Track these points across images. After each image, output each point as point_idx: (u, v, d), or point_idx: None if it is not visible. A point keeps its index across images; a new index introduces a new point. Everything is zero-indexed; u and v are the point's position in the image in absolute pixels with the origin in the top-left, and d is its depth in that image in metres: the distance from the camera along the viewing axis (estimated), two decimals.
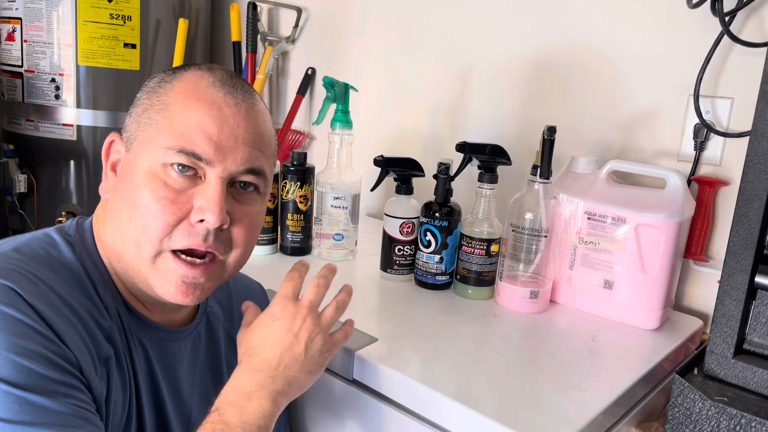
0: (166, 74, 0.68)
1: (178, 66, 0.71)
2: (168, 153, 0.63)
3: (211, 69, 0.68)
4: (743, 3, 0.94)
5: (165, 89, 0.66)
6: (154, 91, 0.67)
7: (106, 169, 0.69)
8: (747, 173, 0.67)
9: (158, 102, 0.65)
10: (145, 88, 0.69)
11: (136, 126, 0.66)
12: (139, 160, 0.65)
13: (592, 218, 0.99)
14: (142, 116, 0.66)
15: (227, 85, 0.66)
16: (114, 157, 0.69)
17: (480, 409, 0.71)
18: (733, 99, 1.01)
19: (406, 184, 1.07)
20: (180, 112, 0.64)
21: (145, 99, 0.67)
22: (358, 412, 0.84)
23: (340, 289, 0.78)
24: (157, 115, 0.65)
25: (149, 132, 0.65)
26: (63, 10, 1.45)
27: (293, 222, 1.17)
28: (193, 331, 0.76)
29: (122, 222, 0.65)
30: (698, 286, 1.08)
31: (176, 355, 0.73)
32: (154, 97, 0.66)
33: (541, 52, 1.22)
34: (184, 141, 0.63)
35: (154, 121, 0.65)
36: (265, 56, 1.62)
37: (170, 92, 0.66)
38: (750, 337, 0.71)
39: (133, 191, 0.64)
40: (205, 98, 0.65)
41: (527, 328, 0.96)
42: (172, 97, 0.65)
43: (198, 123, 0.64)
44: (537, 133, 0.98)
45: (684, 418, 0.70)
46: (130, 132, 0.67)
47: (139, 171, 0.64)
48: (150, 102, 0.66)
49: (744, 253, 0.68)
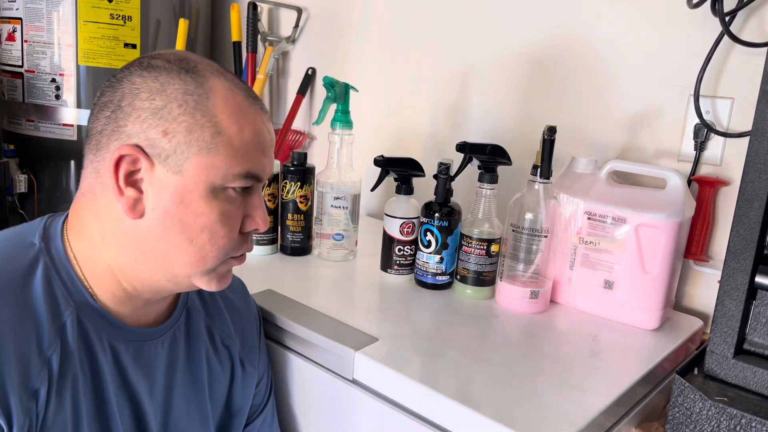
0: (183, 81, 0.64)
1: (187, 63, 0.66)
2: (235, 178, 0.65)
3: (226, 75, 0.68)
4: (743, 3, 0.94)
5: (206, 106, 0.64)
6: (189, 105, 0.63)
7: (119, 183, 0.64)
8: (747, 173, 0.67)
9: (209, 124, 0.64)
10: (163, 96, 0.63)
11: (185, 147, 0.63)
12: (199, 184, 0.64)
13: (593, 218, 0.99)
14: (191, 137, 0.63)
15: (251, 96, 0.69)
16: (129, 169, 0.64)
17: (480, 409, 0.71)
18: (733, 99, 1.01)
19: (406, 184, 1.07)
20: (237, 135, 0.65)
21: (183, 115, 0.63)
22: (358, 412, 0.84)
23: None
24: (214, 140, 0.64)
25: (209, 157, 0.64)
26: (63, 10, 1.45)
27: (293, 222, 1.17)
28: (172, 328, 0.76)
29: (174, 243, 0.65)
30: (698, 286, 1.08)
31: (153, 355, 0.73)
32: (198, 115, 0.63)
33: (541, 52, 1.22)
34: (249, 165, 0.66)
35: (211, 145, 0.64)
36: (266, 56, 1.62)
37: (216, 111, 0.64)
38: (750, 337, 0.71)
39: (196, 215, 0.65)
40: (250, 116, 0.67)
41: (527, 328, 0.96)
42: (221, 118, 0.64)
43: (255, 145, 0.67)
44: (537, 133, 0.98)
45: (684, 418, 0.70)
46: (168, 151, 0.63)
47: (199, 195, 0.65)
48: (195, 121, 0.63)
49: (744, 253, 0.68)
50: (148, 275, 0.68)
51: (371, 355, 0.82)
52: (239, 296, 0.88)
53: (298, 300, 0.97)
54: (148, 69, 0.65)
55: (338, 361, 0.85)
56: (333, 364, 0.86)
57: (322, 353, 0.87)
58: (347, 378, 0.84)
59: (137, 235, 0.66)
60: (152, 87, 0.64)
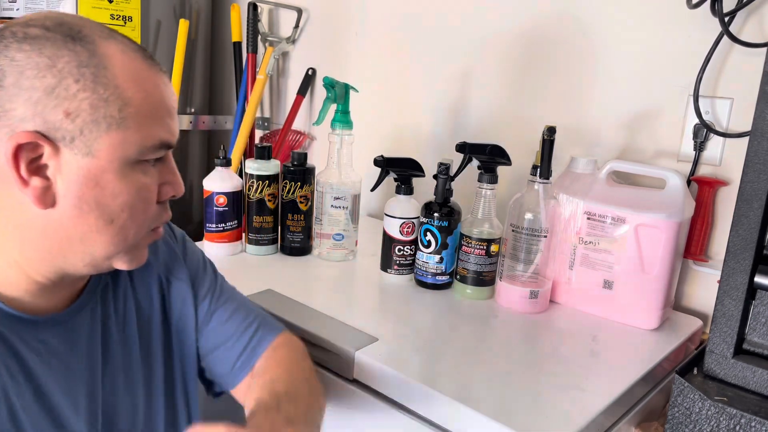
0: (73, 51, 0.58)
1: (69, 29, 0.59)
2: (150, 150, 0.62)
3: (115, 36, 0.62)
4: (743, 3, 0.94)
5: (107, 77, 0.58)
6: (87, 79, 0.58)
7: (22, 173, 0.58)
8: (747, 173, 0.67)
9: (113, 97, 0.59)
10: (54, 71, 0.57)
11: (93, 126, 0.58)
12: (114, 163, 0.60)
13: (592, 218, 0.99)
14: (97, 114, 0.58)
15: (147, 57, 0.63)
16: (30, 157, 0.58)
17: (480, 409, 0.71)
18: (733, 99, 1.01)
19: (406, 184, 1.07)
20: (145, 104, 0.61)
21: (83, 91, 0.58)
22: (358, 412, 0.84)
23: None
24: (123, 113, 0.59)
25: (120, 133, 0.59)
26: (63, 10, 1.45)
27: (293, 222, 1.17)
28: (90, 302, 0.71)
29: (91, 227, 0.61)
30: (698, 286, 1.08)
31: (78, 333, 0.69)
32: (101, 89, 0.58)
33: (541, 52, 1.22)
34: (162, 133, 0.62)
35: (120, 119, 0.59)
36: (266, 57, 1.62)
37: (118, 82, 0.59)
38: (750, 337, 0.71)
39: (113, 196, 0.61)
40: (152, 80, 0.62)
41: (527, 328, 0.96)
42: (125, 87, 0.59)
43: (164, 111, 0.63)
44: (537, 133, 0.98)
45: (684, 417, 0.70)
46: (73, 132, 0.58)
47: (115, 174, 0.60)
48: (98, 96, 0.58)
49: (744, 253, 0.68)
50: (63, 263, 0.63)
51: (371, 355, 0.82)
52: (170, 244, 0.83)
53: (298, 300, 0.98)
54: (27, 41, 0.57)
55: (338, 361, 0.85)
56: (333, 364, 0.86)
57: (322, 353, 0.87)
58: (347, 378, 0.84)
59: (49, 224, 0.61)
60: (39, 62, 0.56)
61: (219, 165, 1.15)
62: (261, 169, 1.15)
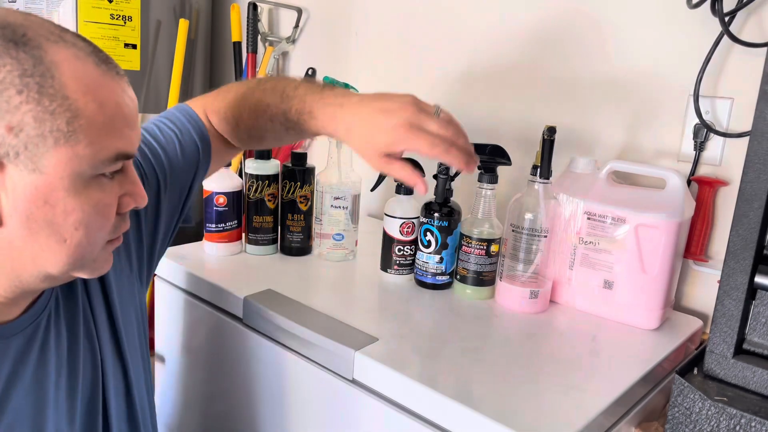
0: (16, 60, 0.53)
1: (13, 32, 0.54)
2: (104, 163, 0.57)
3: (65, 38, 0.56)
4: (743, 3, 0.94)
5: (54, 87, 0.54)
6: (32, 89, 0.53)
7: None
8: (747, 173, 0.67)
9: (61, 109, 0.54)
10: (7, 85, 0.52)
11: (38, 141, 0.54)
12: (64, 180, 0.56)
13: (592, 218, 0.99)
14: (42, 128, 0.53)
15: (102, 60, 0.58)
16: None
17: (480, 409, 0.71)
18: (733, 99, 1.01)
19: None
20: (97, 115, 0.56)
21: (26, 104, 0.53)
22: (358, 412, 0.84)
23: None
24: (71, 126, 0.54)
25: (69, 147, 0.55)
26: (63, 10, 1.45)
27: (293, 222, 1.17)
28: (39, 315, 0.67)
29: (44, 246, 0.57)
30: (698, 286, 1.08)
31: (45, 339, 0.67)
32: (46, 101, 0.53)
33: (541, 52, 1.22)
34: (117, 144, 0.57)
35: (69, 132, 0.54)
36: (266, 56, 1.62)
37: (67, 92, 0.54)
38: (750, 337, 0.71)
39: (65, 213, 0.56)
40: (107, 88, 0.57)
41: (527, 328, 0.96)
42: (74, 98, 0.54)
43: (120, 121, 0.58)
44: (537, 133, 0.98)
45: (684, 418, 0.70)
46: (25, 148, 0.54)
47: (66, 191, 0.56)
48: (42, 108, 0.53)
49: (744, 253, 0.68)
50: (17, 282, 0.60)
51: (371, 355, 0.82)
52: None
53: (298, 300, 0.98)
54: None
55: (338, 361, 0.85)
56: (333, 364, 0.86)
57: (322, 353, 0.87)
58: (347, 378, 0.84)
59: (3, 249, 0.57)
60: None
61: None
62: (261, 169, 1.15)
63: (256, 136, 0.90)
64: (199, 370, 1.11)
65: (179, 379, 1.14)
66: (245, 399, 1.01)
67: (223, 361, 1.04)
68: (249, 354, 0.98)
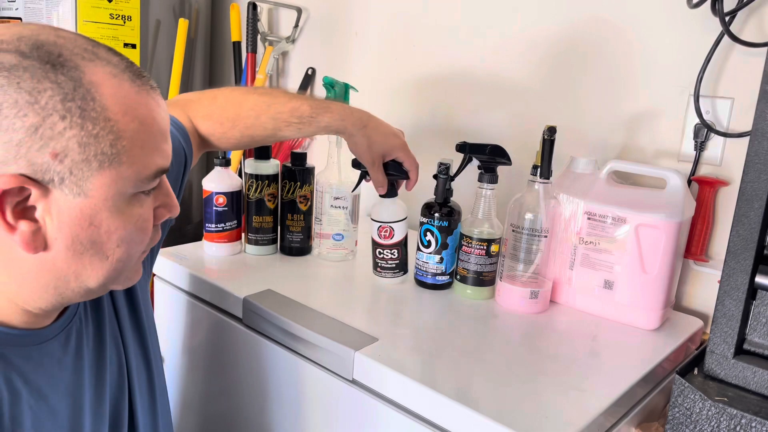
0: (57, 84, 0.52)
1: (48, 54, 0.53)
2: (145, 181, 0.58)
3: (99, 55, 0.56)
4: (743, 3, 0.94)
5: (95, 110, 0.53)
6: (74, 113, 0.52)
7: (8, 219, 0.53)
8: (747, 173, 0.67)
9: (104, 132, 0.54)
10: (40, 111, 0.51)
11: (83, 165, 0.53)
12: (108, 201, 0.56)
13: (592, 218, 0.99)
14: (87, 153, 0.53)
15: (136, 75, 0.58)
16: (12, 202, 0.53)
17: (480, 409, 0.71)
18: (733, 99, 1.01)
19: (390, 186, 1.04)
20: (138, 134, 0.56)
21: (70, 129, 0.52)
22: (358, 412, 0.84)
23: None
24: (115, 149, 0.54)
25: (113, 170, 0.55)
26: (63, 10, 1.45)
27: (293, 222, 1.17)
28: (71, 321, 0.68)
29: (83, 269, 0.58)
30: (698, 287, 1.08)
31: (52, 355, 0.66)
32: (89, 125, 0.53)
33: (540, 51, 1.22)
34: (157, 161, 0.58)
35: (113, 156, 0.54)
36: (265, 56, 1.62)
37: (108, 114, 0.54)
38: (750, 337, 0.71)
39: (110, 234, 0.57)
40: (144, 105, 0.57)
41: (527, 328, 0.96)
42: (116, 120, 0.54)
43: (158, 137, 0.58)
44: (537, 133, 0.98)
45: (684, 418, 0.70)
46: (70, 174, 0.53)
47: (110, 211, 0.56)
48: (86, 132, 0.53)
49: (744, 253, 0.68)
50: (59, 298, 0.60)
51: (371, 355, 0.82)
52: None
53: (298, 300, 0.97)
54: (1, 73, 0.50)
55: (338, 361, 0.85)
56: (333, 364, 0.86)
57: (322, 353, 0.87)
58: (347, 378, 0.84)
59: (42, 266, 0.57)
60: (18, 99, 0.50)
61: (218, 165, 1.15)
62: (260, 169, 1.15)
63: (249, 136, 0.94)
64: (198, 370, 1.10)
65: (179, 379, 1.14)
66: (245, 399, 1.01)
67: (223, 361, 1.04)
68: (249, 354, 0.98)
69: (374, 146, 0.97)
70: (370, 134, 0.96)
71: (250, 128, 0.92)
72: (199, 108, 0.93)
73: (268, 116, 0.91)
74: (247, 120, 0.91)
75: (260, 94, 0.94)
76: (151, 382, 0.80)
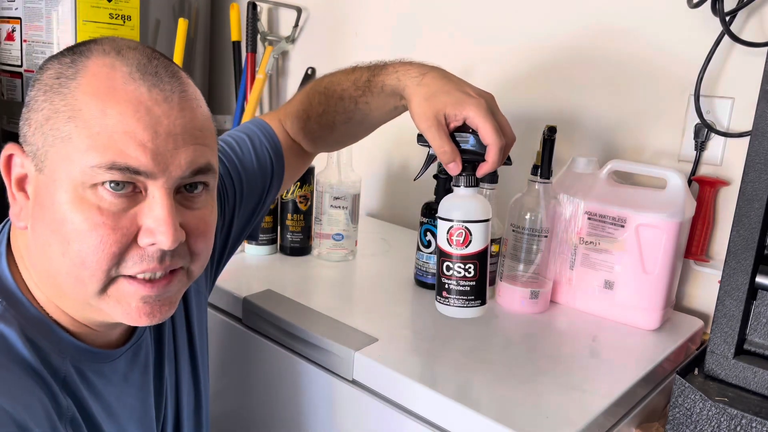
0: (62, 64, 0.54)
1: (79, 45, 0.56)
2: (96, 172, 0.51)
3: (121, 52, 0.54)
4: (744, 3, 0.94)
5: (68, 88, 0.52)
6: (54, 90, 0.53)
7: (12, 188, 0.56)
8: (747, 173, 0.67)
9: (64, 107, 0.52)
10: (39, 84, 0.54)
11: (42, 139, 0.53)
12: (59, 183, 0.52)
13: (593, 218, 0.99)
14: (47, 126, 0.53)
15: (149, 73, 0.54)
16: (18, 172, 0.56)
17: (480, 410, 0.71)
18: (734, 99, 1.01)
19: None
20: (98, 118, 0.51)
21: (45, 102, 0.53)
22: (358, 412, 0.84)
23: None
24: (67, 125, 0.52)
25: (63, 148, 0.52)
26: (63, 9, 1.45)
27: (293, 222, 1.17)
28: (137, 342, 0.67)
29: (54, 256, 0.54)
30: (699, 286, 1.08)
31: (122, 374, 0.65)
32: (57, 99, 0.52)
33: (540, 52, 1.21)
34: (113, 154, 0.51)
35: (65, 133, 0.52)
36: (265, 56, 1.62)
37: (77, 92, 0.52)
38: (750, 338, 0.71)
39: (61, 222, 0.53)
40: (125, 97, 0.52)
41: (527, 328, 0.96)
42: (81, 99, 0.52)
43: (124, 129, 0.51)
44: (537, 133, 0.98)
45: (684, 418, 0.70)
46: (35, 146, 0.54)
47: (61, 197, 0.52)
48: (53, 107, 0.52)
49: (744, 253, 0.68)
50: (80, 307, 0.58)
51: (371, 355, 0.82)
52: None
53: (297, 300, 0.97)
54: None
55: (338, 361, 0.84)
56: (333, 364, 0.86)
57: (322, 353, 0.87)
58: (347, 378, 0.84)
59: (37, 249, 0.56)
60: (38, 78, 0.55)
61: None
62: None
63: (326, 125, 0.84)
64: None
65: None
66: (245, 399, 1.01)
67: (223, 361, 1.04)
68: (248, 354, 0.98)
69: (432, 100, 0.71)
70: (428, 83, 0.73)
71: (323, 115, 0.83)
72: (283, 110, 0.89)
73: (336, 97, 0.81)
74: (318, 107, 0.83)
75: (330, 75, 0.85)
76: (198, 402, 0.79)
